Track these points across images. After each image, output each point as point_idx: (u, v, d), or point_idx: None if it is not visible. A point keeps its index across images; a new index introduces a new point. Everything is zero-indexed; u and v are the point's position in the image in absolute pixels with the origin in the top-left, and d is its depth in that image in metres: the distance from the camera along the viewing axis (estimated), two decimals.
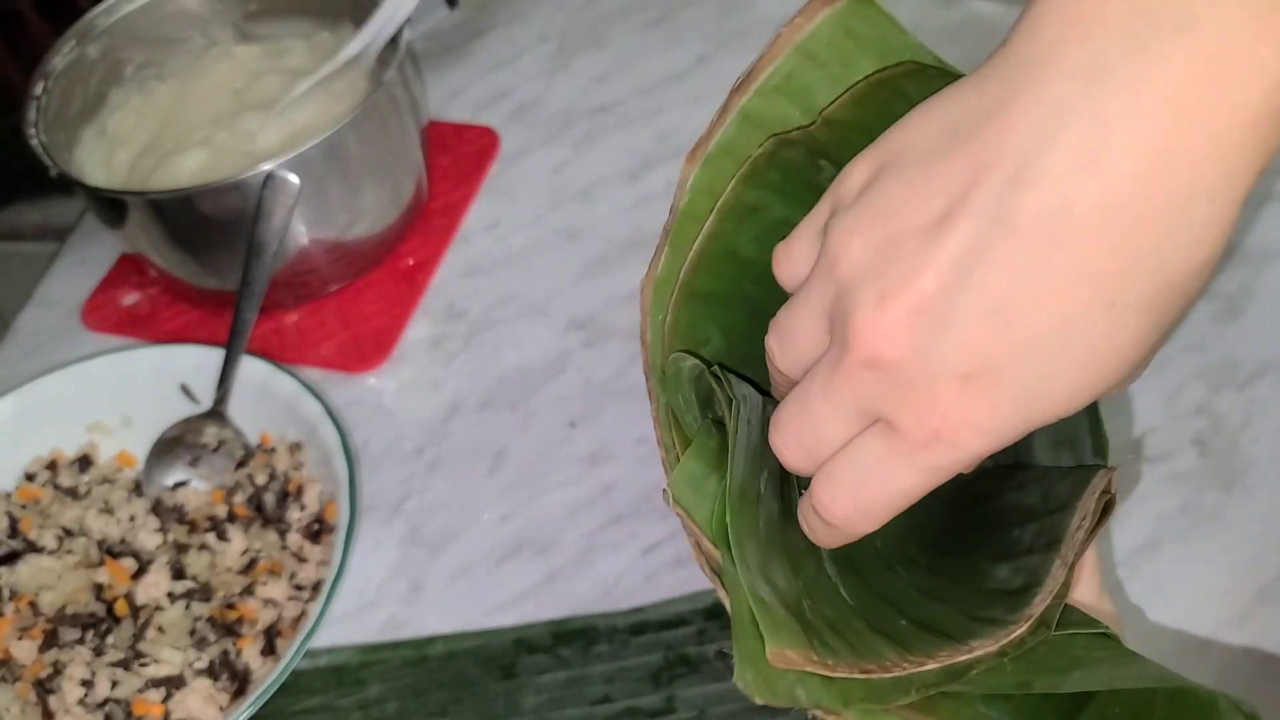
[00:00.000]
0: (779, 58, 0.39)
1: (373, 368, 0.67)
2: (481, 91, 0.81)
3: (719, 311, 0.40)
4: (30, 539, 0.58)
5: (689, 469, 0.37)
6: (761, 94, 0.39)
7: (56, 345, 0.70)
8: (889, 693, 0.33)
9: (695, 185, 0.39)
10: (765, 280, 0.39)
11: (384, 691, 0.54)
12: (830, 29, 0.39)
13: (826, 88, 0.39)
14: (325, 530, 0.58)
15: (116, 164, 0.69)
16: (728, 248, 0.39)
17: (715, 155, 0.39)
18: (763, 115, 0.39)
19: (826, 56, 0.39)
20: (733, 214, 0.39)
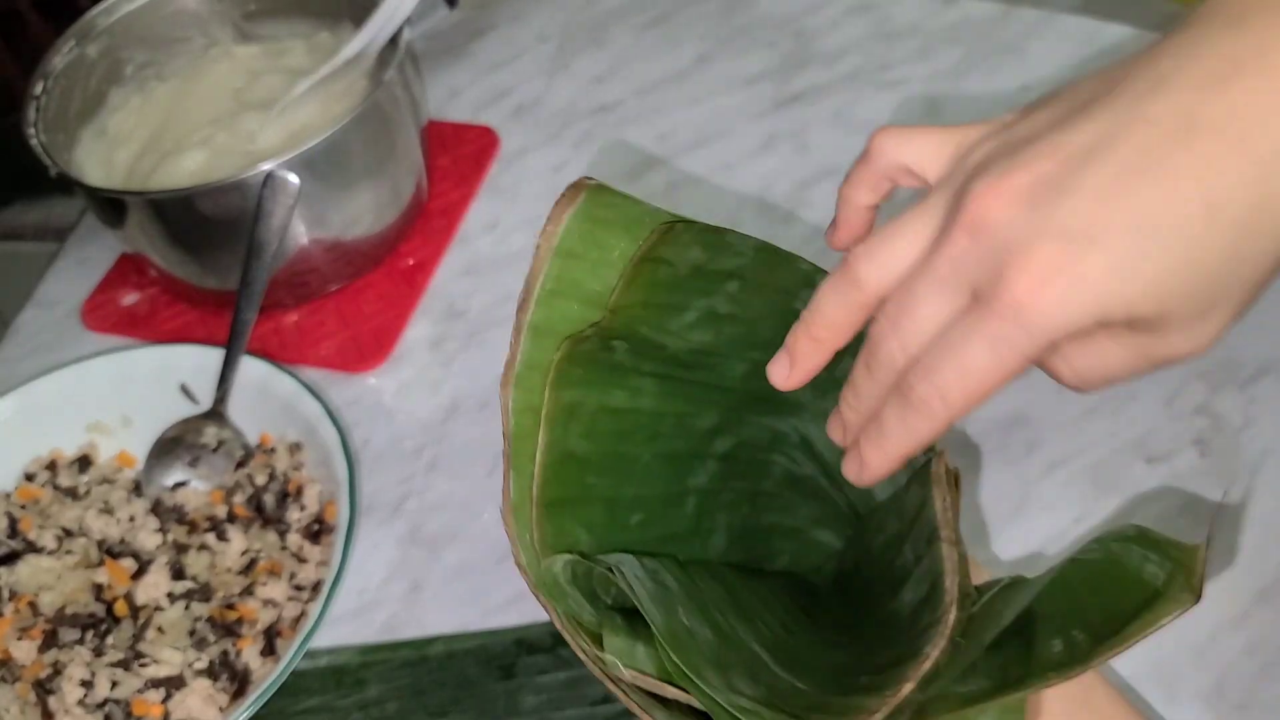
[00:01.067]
0: (544, 266, 0.42)
1: (372, 368, 0.67)
2: (481, 91, 0.81)
3: (577, 512, 0.43)
4: (30, 539, 0.58)
5: (614, 645, 0.39)
6: (541, 303, 0.42)
7: (56, 345, 0.70)
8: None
9: (516, 407, 0.42)
10: (607, 470, 0.43)
11: (384, 692, 0.54)
12: (578, 224, 0.42)
13: (593, 275, 0.43)
14: (325, 530, 0.58)
15: (116, 164, 0.69)
16: (563, 452, 0.42)
17: (524, 373, 0.42)
18: (549, 322, 0.42)
19: (582, 249, 0.42)
20: (556, 420, 0.42)
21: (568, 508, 0.42)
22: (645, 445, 0.44)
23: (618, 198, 0.43)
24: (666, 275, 0.43)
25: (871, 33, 0.79)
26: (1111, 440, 0.57)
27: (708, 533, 0.47)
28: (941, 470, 0.38)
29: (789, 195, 0.70)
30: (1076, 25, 0.77)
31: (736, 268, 0.44)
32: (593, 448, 0.43)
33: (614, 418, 0.43)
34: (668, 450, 0.45)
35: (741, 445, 0.47)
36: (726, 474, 0.47)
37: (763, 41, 0.80)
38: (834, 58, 0.78)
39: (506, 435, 0.42)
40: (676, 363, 0.44)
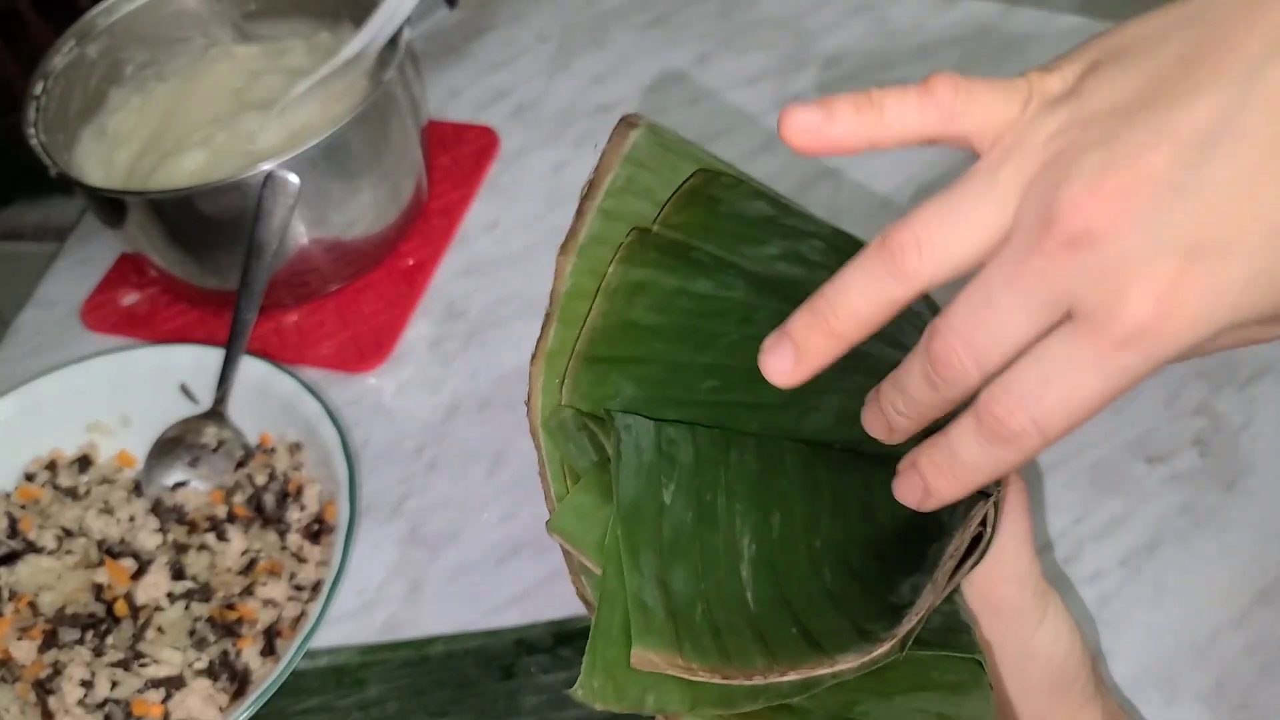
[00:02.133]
0: (613, 168, 0.41)
1: (372, 368, 0.67)
2: (481, 91, 0.81)
3: (631, 369, 0.41)
4: (30, 539, 0.58)
5: (577, 502, 0.38)
6: (612, 194, 0.41)
7: (56, 345, 0.70)
8: (739, 700, 0.34)
9: (576, 270, 0.41)
10: (682, 339, 0.41)
11: (384, 692, 0.54)
12: (647, 141, 0.42)
13: (664, 186, 0.42)
14: (325, 530, 0.58)
15: (116, 164, 0.69)
16: (624, 320, 0.41)
17: (588, 245, 0.41)
18: (619, 211, 0.41)
19: (653, 163, 0.42)
20: (620, 292, 0.41)
21: (619, 365, 0.41)
22: (736, 326, 0.42)
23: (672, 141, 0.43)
24: (728, 209, 0.42)
25: (871, 33, 0.79)
26: (1111, 440, 0.57)
27: (806, 409, 0.44)
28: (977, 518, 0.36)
29: (789, 195, 0.70)
30: (1076, 25, 0.77)
31: (815, 232, 0.42)
32: (663, 320, 0.41)
33: (696, 300, 0.41)
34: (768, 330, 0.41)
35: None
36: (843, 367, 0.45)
37: (763, 41, 0.80)
38: (834, 58, 0.78)
39: (556, 294, 0.40)
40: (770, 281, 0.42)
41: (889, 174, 0.70)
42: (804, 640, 0.35)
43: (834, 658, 0.33)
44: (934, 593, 0.34)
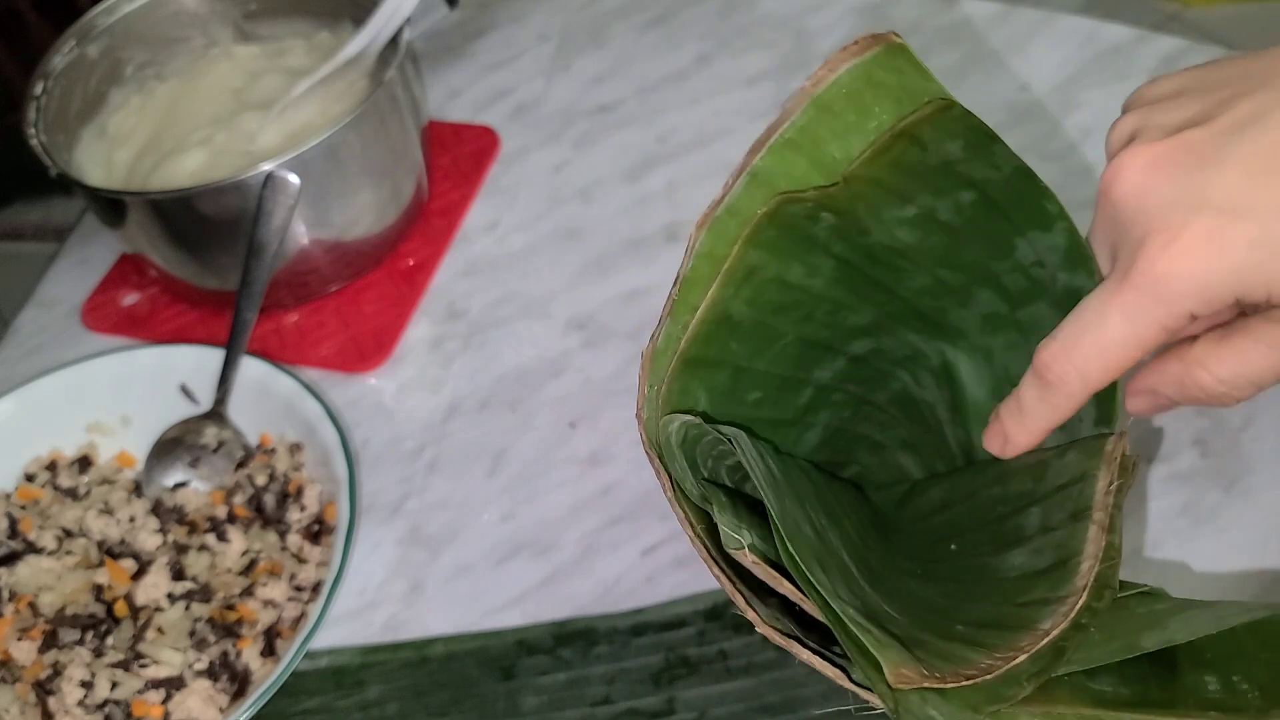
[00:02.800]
0: (794, 114, 0.40)
1: (372, 368, 0.66)
2: (481, 91, 0.81)
3: (705, 374, 0.41)
4: (30, 540, 0.58)
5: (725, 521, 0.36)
6: (772, 151, 0.40)
7: (56, 345, 0.70)
8: (1003, 691, 0.33)
9: (699, 251, 0.40)
10: (750, 338, 0.41)
11: (384, 693, 0.54)
12: (851, 79, 0.40)
13: (838, 139, 0.40)
14: (325, 531, 0.58)
15: (116, 164, 0.69)
16: (723, 313, 0.40)
17: (721, 218, 0.40)
18: (770, 173, 0.40)
19: (841, 107, 0.40)
20: (733, 278, 0.40)
21: (702, 368, 0.40)
22: (795, 325, 0.42)
23: (910, 65, 0.41)
24: (914, 159, 0.41)
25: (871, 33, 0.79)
26: None
27: (806, 426, 0.45)
28: (1118, 452, 0.37)
29: None
30: (1076, 25, 0.77)
31: (984, 179, 0.42)
32: (749, 314, 0.41)
33: (781, 290, 0.41)
34: (811, 336, 0.43)
35: (877, 352, 0.45)
36: (849, 375, 0.45)
37: (763, 41, 0.80)
38: None
39: (679, 278, 0.40)
40: (867, 254, 0.42)
41: None
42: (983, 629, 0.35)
43: (1037, 628, 0.33)
44: (1100, 530, 0.35)
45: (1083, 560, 0.34)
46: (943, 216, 0.42)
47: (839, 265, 0.42)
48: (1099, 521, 0.35)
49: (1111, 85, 0.72)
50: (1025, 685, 0.33)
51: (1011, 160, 0.42)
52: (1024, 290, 0.42)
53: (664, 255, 0.69)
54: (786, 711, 0.50)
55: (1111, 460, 0.36)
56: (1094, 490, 0.36)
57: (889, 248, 0.42)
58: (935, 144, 0.41)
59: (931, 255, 0.42)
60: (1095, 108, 0.71)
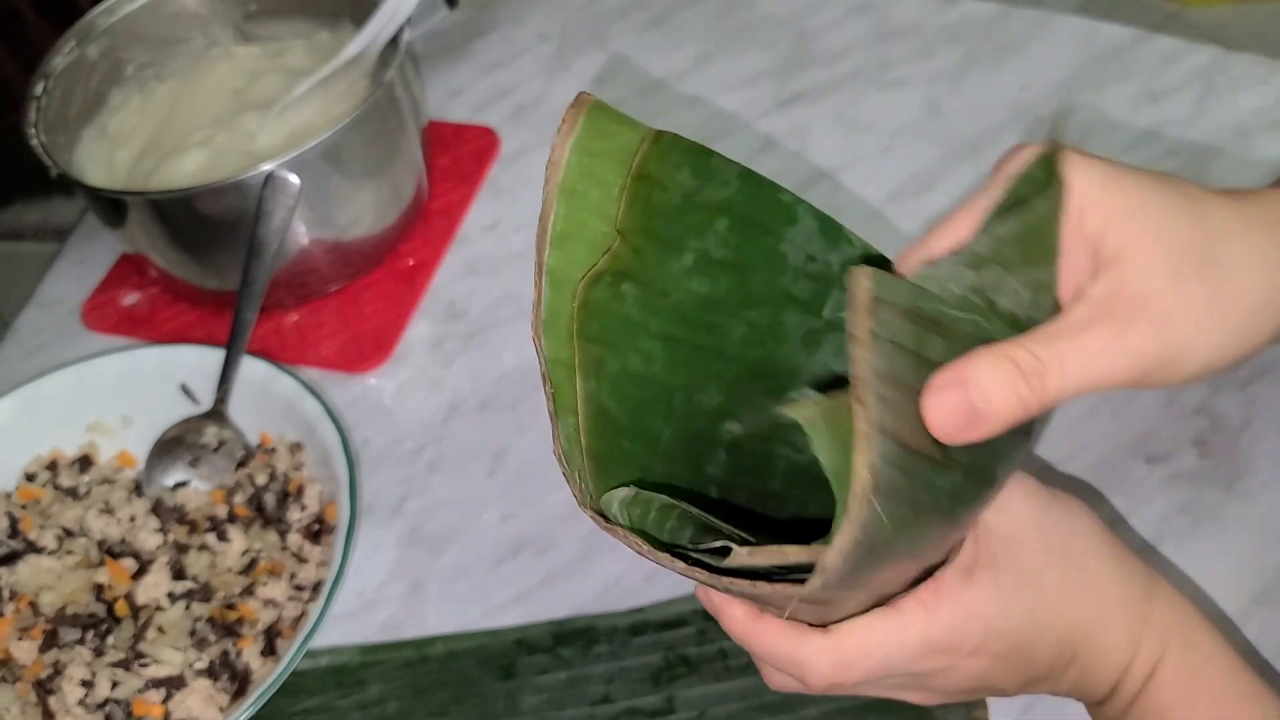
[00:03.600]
0: (553, 206, 0.41)
1: (373, 368, 0.67)
2: (481, 91, 0.81)
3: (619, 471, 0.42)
4: (30, 539, 0.58)
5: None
6: (556, 247, 0.41)
7: (56, 345, 0.70)
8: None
9: (549, 356, 0.41)
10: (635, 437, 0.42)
11: (384, 692, 0.54)
12: (577, 159, 0.41)
13: (594, 217, 0.41)
14: (325, 530, 0.58)
15: (116, 164, 0.69)
16: (599, 407, 0.41)
17: (550, 321, 0.41)
18: (561, 268, 0.41)
19: (583, 187, 0.41)
20: (589, 372, 0.41)
21: (612, 463, 0.41)
22: (665, 422, 0.43)
23: (614, 124, 0.42)
24: (661, 201, 0.42)
25: (871, 33, 0.79)
26: (1111, 440, 0.57)
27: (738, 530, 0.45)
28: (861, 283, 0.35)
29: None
30: (1076, 25, 0.77)
31: (724, 201, 0.43)
32: (622, 411, 0.42)
33: (634, 383, 0.42)
34: (683, 431, 0.44)
35: (748, 436, 0.46)
36: (735, 468, 0.46)
37: (763, 41, 0.80)
38: (834, 58, 0.78)
39: (545, 381, 0.41)
40: (681, 320, 0.43)
41: (889, 176, 0.70)
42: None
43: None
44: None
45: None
46: (716, 255, 0.43)
47: (665, 344, 0.43)
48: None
49: (1111, 85, 0.72)
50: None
51: (731, 168, 0.43)
52: (815, 292, 0.44)
53: None
54: (786, 710, 0.50)
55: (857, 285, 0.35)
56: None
57: (693, 304, 0.44)
58: (669, 178, 0.42)
59: (730, 298, 0.44)
60: (1095, 107, 0.71)
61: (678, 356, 0.44)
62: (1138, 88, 0.71)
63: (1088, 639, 0.39)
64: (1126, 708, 0.40)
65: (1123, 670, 0.39)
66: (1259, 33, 1.66)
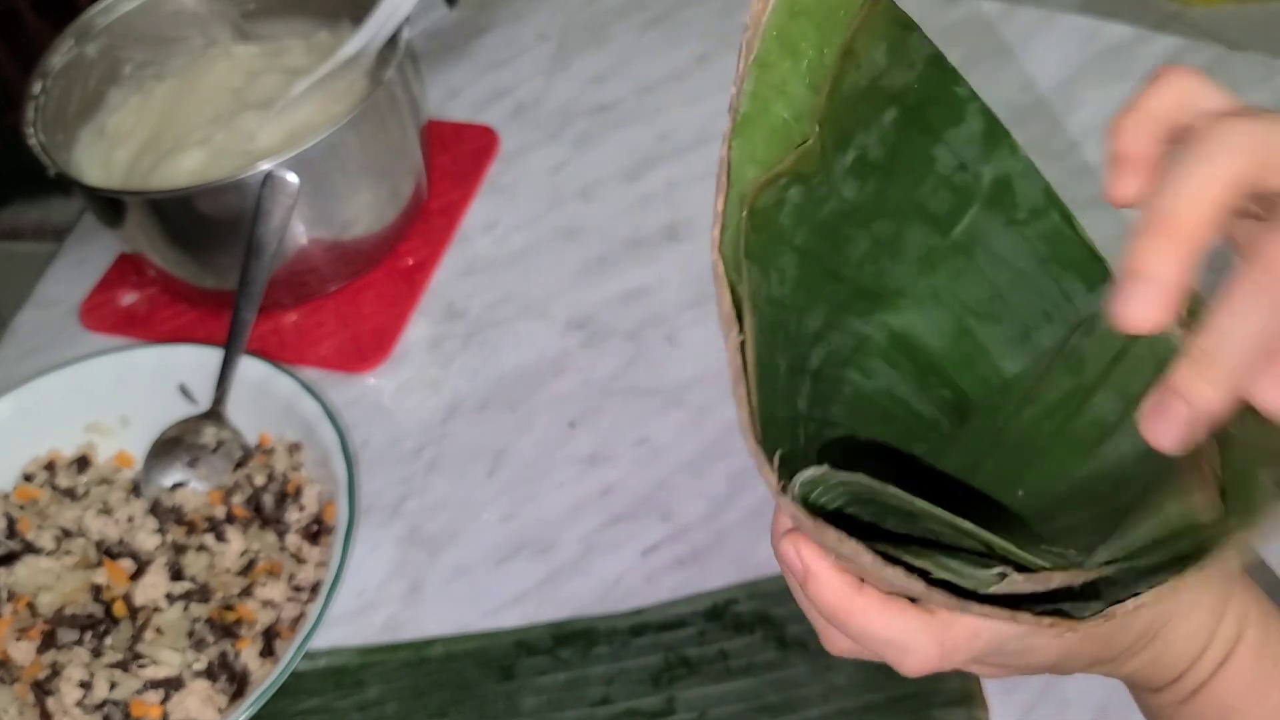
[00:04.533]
0: (743, 82, 0.37)
1: (372, 368, 0.66)
2: (481, 91, 0.81)
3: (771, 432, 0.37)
4: (28, 540, 0.58)
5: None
6: (737, 134, 0.37)
7: (55, 345, 0.70)
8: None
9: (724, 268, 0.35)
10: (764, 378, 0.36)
11: (383, 693, 0.53)
12: (777, 20, 0.37)
13: (780, 96, 0.38)
14: (324, 531, 0.58)
15: (115, 163, 0.69)
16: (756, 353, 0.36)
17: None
18: (739, 164, 0.37)
19: (774, 58, 0.38)
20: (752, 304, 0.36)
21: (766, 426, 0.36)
22: (782, 351, 0.39)
23: None
24: (852, 84, 0.38)
25: None
26: None
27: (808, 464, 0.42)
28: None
29: None
30: (1077, 24, 0.77)
31: (902, 88, 0.39)
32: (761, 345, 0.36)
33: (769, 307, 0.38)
34: (791, 361, 0.40)
35: (828, 359, 0.42)
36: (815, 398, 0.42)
37: None
38: None
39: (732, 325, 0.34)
40: (824, 232, 0.39)
41: None
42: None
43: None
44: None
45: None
46: (872, 154, 0.40)
47: (800, 259, 0.40)
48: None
49: (1112, 84, 0.72)
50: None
51: (924, 50, 0.39)
52: (952, 207, 0.40)
53: (664, 255, 0.69)
54: (787, 711, 0.50)
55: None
56: (1170, 341, 0.33)
57: (838, 214, 0.40)
58: (866, 55, 0.38)
59: (866, 209, 0.40)
60: (1096, 106, 0.71)
61: (804, 276, 0.39)
62: (1139, 87, 0.71)
63: (1170, 623, 0.37)
64: (1191, 695, 0.38)
65: (1195, 656, 0.38)
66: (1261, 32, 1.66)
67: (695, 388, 0.63)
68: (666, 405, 0.62)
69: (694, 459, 0.60)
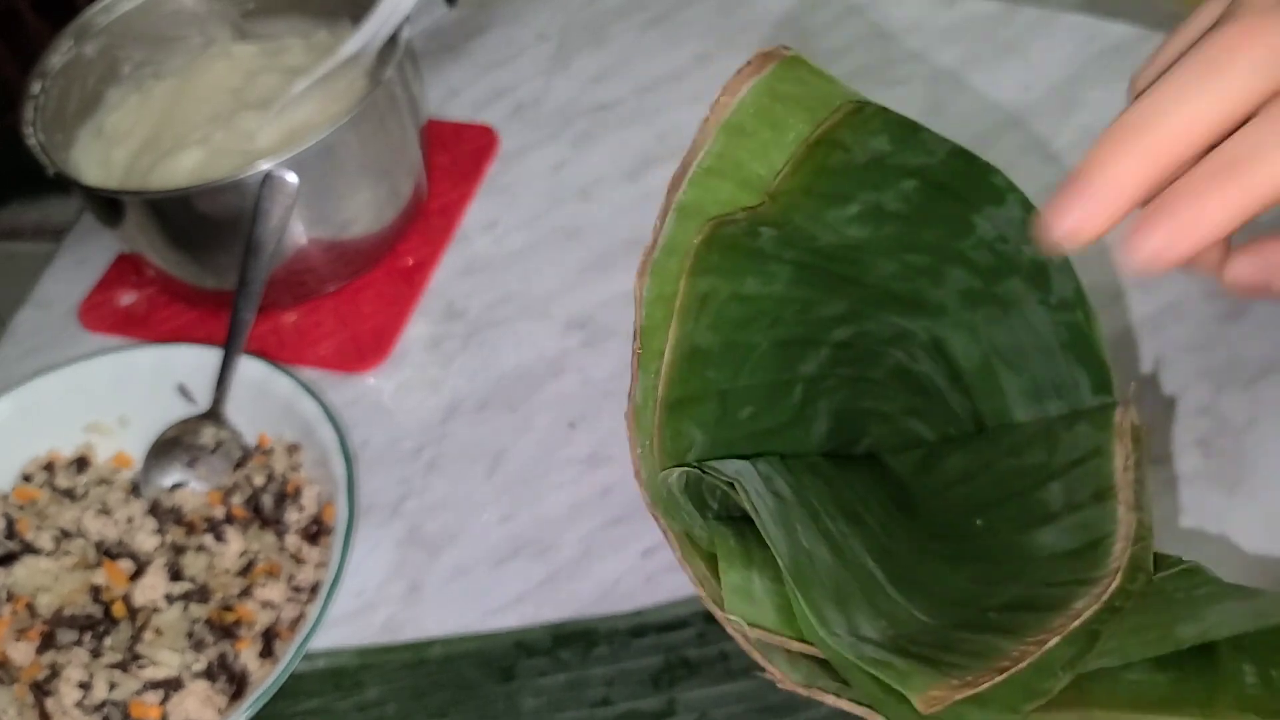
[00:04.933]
0: (707, 142, 0.39)
1: (371, 368, 0.66)
2: (481, 90, 0.81)
3: (695, 411, 0.40)
4: (27, 540, 0.58)
5: (731, 581, 0.35)
6: (693, 183, 0.39)
7: (53, 345, 0.70)
8: (1039, 684, 0.32)
9: (648, 297, 0.39)
10: (724, 362, 0.40)
11: (383, 694, 0.53)
12: (755, 97, 0.39)
13: (758, 158, 0.39)
14: (323, 531, 0.58)
15: (114, 163, 0.68)
16: (690, 347, 0.39)
17: (661, 259, 0.39)
18: (697, 203, 0.39)
19: (754, 126, 0.39)
20: (689, 311, 0.39)
21: (688, 407, 0.39)
22: (765, 333, 0.41)
23: (811, 74, 0.40)
24: (839, 162, 0.40)
25: (872, 32, 0.79)
26: None
27: (809, 420, 0.44)
28: (1127, 424, 0.36)
29: None
30: (1078, 24, 0.77)
31: (921, 166, 0.40)
32: (716, 338, 0.40)
33: (741, 305, 0.40)
34: (785, 337, 0.42)
35: (861, 335, 0.44)
36: (836, 360, 0.44)
37: (762, 41, 0.80)
38: (834, 57, 0.78)
39: (637, 330, 0.39)
40: (821, 254, 0.41)
41: None
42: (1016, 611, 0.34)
43: (1071, 608, 0.32)
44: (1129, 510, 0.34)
45: (1115, 541, 0.33)
46: (891, 207, 0.41)
47: (795, 269, 0.41)
48: (1125, 500, 0.34)
49: (1113, 84, 0.72)
50: (1060, 676, 0.32)
51: (943, 144, 0.41)
52: (993, 266, 0.42)
53: None
54: (788, 713, 0.50)
55: (1123, 434, 0.35)
56: (1112, 468, 0.35)
57: (842, 245, 0.42)
58: (858, 144, 0.40)
59: (890, 244, 0.42)
60: (1097, 107, 0.71)
61: (807, 277, 0.41)
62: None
63: None
64: None
65: None
66: None
67: None
68: None
69: None
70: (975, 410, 0.44)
